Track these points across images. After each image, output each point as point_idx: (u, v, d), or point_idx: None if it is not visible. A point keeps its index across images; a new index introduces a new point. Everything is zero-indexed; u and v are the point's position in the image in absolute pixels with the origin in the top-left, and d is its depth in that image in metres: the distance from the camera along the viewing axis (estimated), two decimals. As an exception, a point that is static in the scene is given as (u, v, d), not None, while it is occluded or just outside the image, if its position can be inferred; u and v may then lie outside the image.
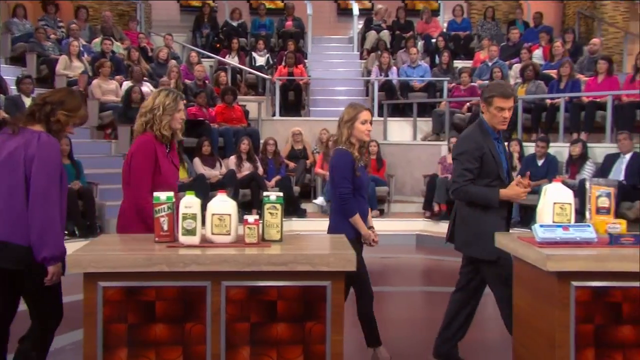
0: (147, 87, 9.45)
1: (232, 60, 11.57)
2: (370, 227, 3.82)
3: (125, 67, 10.19)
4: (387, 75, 11.12)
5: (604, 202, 3.04)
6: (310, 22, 12.86)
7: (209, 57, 11.70)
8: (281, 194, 3.00)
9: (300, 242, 3.03)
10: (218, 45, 12.28)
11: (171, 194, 2.96)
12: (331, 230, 3.75)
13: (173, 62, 10.43)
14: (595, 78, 8.75)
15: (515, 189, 3.49)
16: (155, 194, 2.95)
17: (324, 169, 9.43)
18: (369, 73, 11.56)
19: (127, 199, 3.44)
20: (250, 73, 11.42)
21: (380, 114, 10.67)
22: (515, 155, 8.51)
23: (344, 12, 14.29)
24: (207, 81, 10.69)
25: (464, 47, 12.52)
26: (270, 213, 2.94)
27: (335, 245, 3.01)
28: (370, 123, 3.74)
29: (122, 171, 3.48)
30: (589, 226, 2.94)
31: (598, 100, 8.37)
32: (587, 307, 2.77)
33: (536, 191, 4.07)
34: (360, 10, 13.41)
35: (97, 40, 10.84)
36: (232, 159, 8.83)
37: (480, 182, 3.57)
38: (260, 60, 11.96)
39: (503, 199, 3.51)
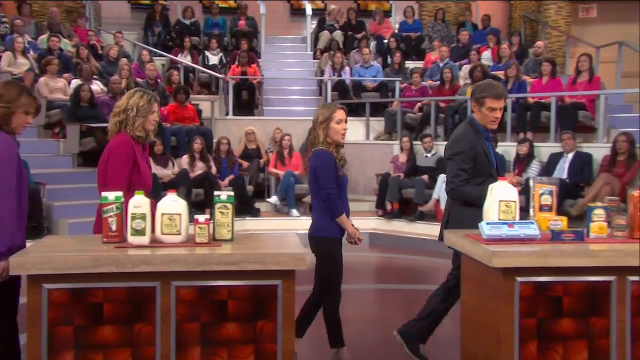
0: (96, 86, 9.26)
1: (185, 59, 11.42)
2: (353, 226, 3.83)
3: (73, 65, 9.93)
4: (340, 75, 11.17)
5: (547, 199, 3.13)
6: (264, 22, 12.82)
7: (161, 55, 11.52)
8: (232, 193, 2.98)
9: (252, 242, 3.02)
10: (170, 44, 12.11)
11: (120, 194, 2.91)
12: (316, 229, 3.75)
13: (124, 60, 10.23)
14: (540, 79, 8.99)
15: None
16: (104, 193, 2.89)
17: (277, 168, 9.43)
18: (322, 73, 11.60)
19: None
20: (203, 72, 11.30)
21: (333, 114, 10.72)
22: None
23: (297, 12, 14.30)
24: (159, 80, 10.53)
25: (415, 47, 12.68)
26: (221, 212, 2.92)
27: (286, 244, 3.01)
28: (345, 122, 3.73)
29: (97, 171, 3.43)
30: (532, 223, 3.02)
31: (543, 101, 8.59)
32: (530, 302, 2.85)
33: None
34: (313, 10, 13.43)
35: (44, 37, 10.53)
36: (185, 159, 8.73)
37: (474, 181, 3.63)
38: (214, 59, 11.84)
39: None
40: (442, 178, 8.54)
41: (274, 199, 9.21)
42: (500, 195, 3.08)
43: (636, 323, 2.86)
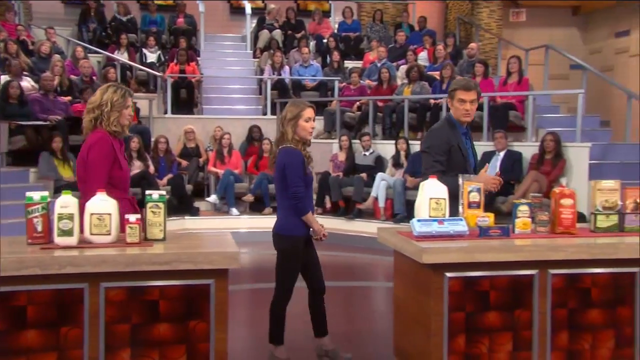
0: (27, 82, 8.91)
1: (122, 57, 11.14)
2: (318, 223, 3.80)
3: (1, 60, 9.53)
4: (279, 74, 11.14)
5: (475, 197, 3.20)
6: (203, 20, 12.63)
7: (96, 52, 11.20)
8: (164, 192, 2.92)
9: (185, 241, 2.97)
10: (107, 41, 11.78)
11: (46, 193, 2.81)
12: (280, 227, 3.70)
13: (57, 56, 9.88)
14: (474, 79, 9.21)
15: (485, 176, 3.55)
16: (28, 193, 2.79)
17: (216, 166, 9.33)
18: (262, 72, 11.53)
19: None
20: (140, 70, 11.05)
21: (273, 113, 10.70)
22: (402, 153, 8.80)
23: (237, 10, 14.14)
24: (94, 77, 10.24)
25: (354, 48, 12.77)
26: (153, 212, 2.87)
27: (219, 243, 2.98)
28: (313, 120, 3.68)
29: (77, 169, 3.43)
30: (461, 220, 3.10)
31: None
32: (459, 296, 2.91)
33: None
34: (253, 9, 13.33)
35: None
36: (121, 157, 8.50)
37: (448, 175, 3.61)
38: (151, 57, 11.60)
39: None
40: (380, 176, 8.65)
41: (213, 197, 9.11)
42: (431, 192, 3.13)
43: (556, 314, 2.97)
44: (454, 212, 3.24)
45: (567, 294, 2.99)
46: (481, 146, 8.53)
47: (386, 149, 9.20)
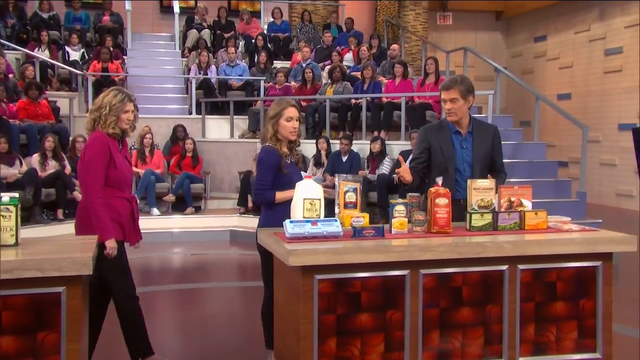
0: None
1: (42, 54, 10.65)
2: None
3: None
4: (206, 74, 10.89)
5: (351, 197, 3.10)
6: (129, 18, 12.24)
7: (15, 49, 10.67)
8: (16, 195, 2.70)
9: (38, 247, 2.75)
10: (25, 37, 11.24)
11: None
12: (262, 225, 3.42)
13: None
14: (393, 81, 9.21)
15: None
16: None
17: (138, 166, 9.00)
18: (189, 71, 11.25)
19: (84, 196, 3.40)
20: (61, 68, 10.59)
21: (199, 112, 10.46)
22: (323, 152, 8.71)
23: (167, 9, 13.79)
24: (11, 75, 9.76)
25: (283, 48, 12.63)
26: (3, 216, 2.64)
27: (73, 247, 2.77)
28: (297, 120, 3.48)
29: (77, 171, 3.53)
30: (335, 220, 2.99)
31: (395, 101, 8.80)
32: (329, 299, 2.80)
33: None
34: (182, 8, 13.02)
35: None
36: (36, 157, 8.11)
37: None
38: (75, 55, 11.16)
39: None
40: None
41: (133, 197, 8.78)
42: (305, 193, 3.02)
43: (428, 314, 2.90)
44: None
45: (439, 294, 2.93)
46: (399, 145, 8.55)
47: (309, 148, 9.09)
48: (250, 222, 8.74)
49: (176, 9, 12.61)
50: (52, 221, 7.77)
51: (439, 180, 3.20)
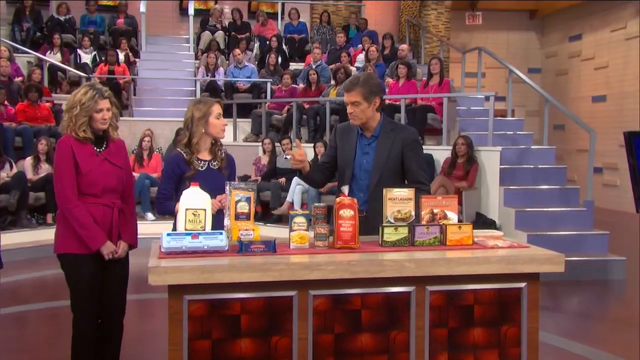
0: None
1: (54, 57, 10.75)
2: None
3: None
4: (213, 76, 10.76)
5: (244, 207, 2.80)
6: (144, 21, 12.24)
7: (27, 52, 10.79)
8: None
9: None
10: (40, 41, 11.38)
11: None
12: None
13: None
14: (397, 82, 8.83)
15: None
16: None
17: (135, 170, 8.90)
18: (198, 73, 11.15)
19: (59, 207, 3.17)
20: (71, 71, 10.65)
21: (203, 115, 10.31)
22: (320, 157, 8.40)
23: (185, 11, 13.76)
24: (19, 78, 9.86)
25: (299, 49, 12.40)
26: None
27: None
28: (223, 117, 3.33)
29: None
30: (221, 233, 2.69)
31: (397, 103, 8.42)
32: (203, 322, 2.51)
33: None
34: (197, 10, 12.96)
35: None
36: (29, 160, 8.11)
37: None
38: (86, 57, 11.22)
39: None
40: (295, 181, 8.25)
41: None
42: (188, 202, 2.74)
43: (319, 339, 2.58)
44: None
45: (333, 317, 2.59)
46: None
47: (308, 152, 8.78)
48: (245, 228, 8.54)
49: (190, 11, 12.56)
50: (40, 225, 7.73)
51: (345, 189, 2.87)
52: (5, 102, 8.78)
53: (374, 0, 14.25)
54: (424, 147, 7.68)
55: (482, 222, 6.85)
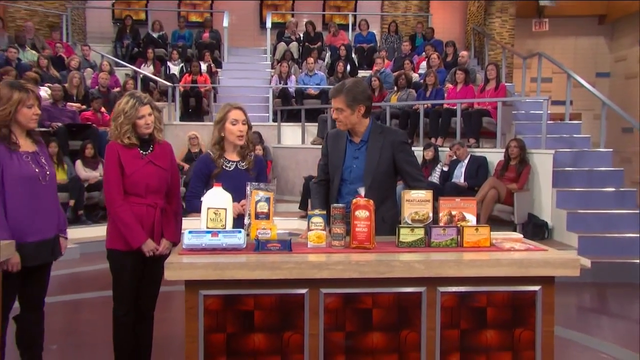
0: (43, 92, 9.00)
1: (148, 69, 11.16)
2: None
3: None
4: (286, 84, 10.80)
5: (263, 207, 2.71)
6: (226, 34, 12.51)
7: (124, 66, 11.28)
8: None
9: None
10: (137, 56, 11.87)
11: None
12: None
13: (89, 70, 10.09)
14: (455, 87, 8.49)
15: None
16: None
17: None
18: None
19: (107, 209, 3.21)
20: (158, 81, 11.03)
21: (275, 120, 10.40)
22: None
23: (265, 25, 13.94)
24: (117, 88, 10.29)
25: (367, 58, 12.25)
26: None
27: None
28: (244, 123, 3.17)
29: None
30: (239, 232, 2.61)
31: (454, 107, 8.09)
32: (218, 316, 2.44)
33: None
34: (275, 23, 13.08)
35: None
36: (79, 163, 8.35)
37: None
38: (174, 69, 11.58)
39: None
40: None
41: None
42: (210, 202, 2.67)
43: (330, 336, 2.44)
44: None
45: (344, 315, 2.45)
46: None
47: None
48: (309, 225, 8.49)
49: (268, 24, 12.69)
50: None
51: (361, 190, 2.71)
52: (102, 109, 9.15)
53: (441, 10, 13.85)
54: (478, 149, 7.41)
55: (533, 223, 6.43)
